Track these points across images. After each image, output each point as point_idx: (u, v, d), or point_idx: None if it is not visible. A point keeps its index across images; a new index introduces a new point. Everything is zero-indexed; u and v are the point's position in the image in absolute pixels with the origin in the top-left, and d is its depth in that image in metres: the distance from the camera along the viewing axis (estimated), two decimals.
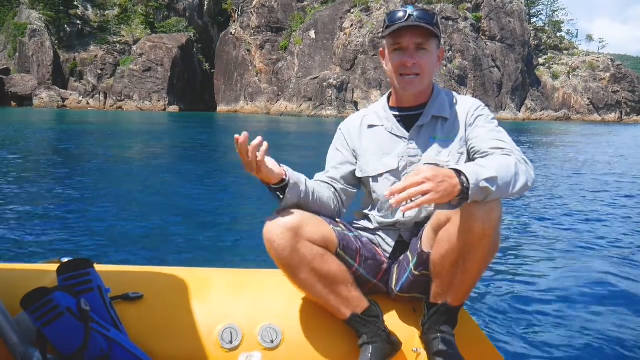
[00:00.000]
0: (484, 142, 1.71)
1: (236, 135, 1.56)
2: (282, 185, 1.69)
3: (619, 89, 76.96)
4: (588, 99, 74.87)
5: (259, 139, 1.59)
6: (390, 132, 1.86)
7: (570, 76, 77.14)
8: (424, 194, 1.37)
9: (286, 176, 1.69)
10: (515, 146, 1.67)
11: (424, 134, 1.83)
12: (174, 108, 64.92)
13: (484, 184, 1.43)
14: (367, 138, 1.89)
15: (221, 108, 72.00)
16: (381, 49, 1.89)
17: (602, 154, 17.77)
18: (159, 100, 65.46)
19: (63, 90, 65.49)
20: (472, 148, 1.76)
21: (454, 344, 1.69)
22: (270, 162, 1.65)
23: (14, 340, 1.53)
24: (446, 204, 1.46)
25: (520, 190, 1.54)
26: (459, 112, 1.82)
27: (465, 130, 1.79)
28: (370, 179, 1.86)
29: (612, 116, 74.77)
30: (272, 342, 1.73)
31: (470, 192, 1.41)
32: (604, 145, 22.85)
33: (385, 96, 1.96)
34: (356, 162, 1.91)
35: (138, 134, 22.51)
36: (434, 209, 1.75)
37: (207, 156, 14.35)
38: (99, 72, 67.39)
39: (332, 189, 1.88)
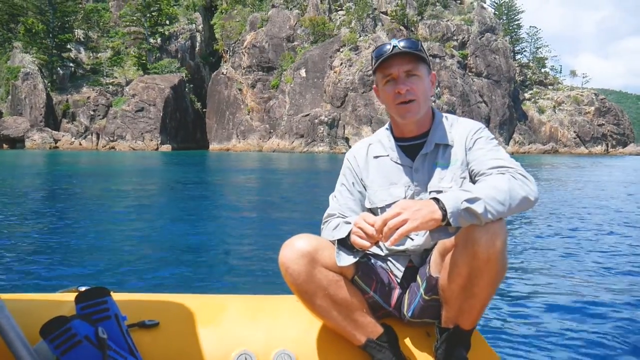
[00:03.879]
0: (483, 164, 1.72)
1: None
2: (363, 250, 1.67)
3: (604, 122, 78.41)
4: (574, 132, 76.15)
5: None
6: (396, 162, 1.88)
7: (556, 110, 78.62)
8: (402, 224, 1.42)
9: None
10: (514, 162, 1.67)
11: (427, 162, 1.84)
12: (166, 147, 65.04)
13: (465, 204, 1.45)
14: (374, 168, 1.91)
15: (213, 146, 72.27)
16: (374, 85, 1.92)
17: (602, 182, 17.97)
18: (152, 140, 65.63)
19: (55, 132, 65.56)
20: (472, 171, 1.77)
21: None
22: None
23: None
24: (442, 233, 1.49)
25: (520, 206, 1.53)
26: (459, 136, 1.83)
27: (466, 154, 1.80)
28: (379, 210, 1.87)
29: (599, 148, 75.93)
30: None
31: (449, 216, 1.43)
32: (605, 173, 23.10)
33: (388, 124, 1.98)
34: (365, 192, 1.92)
35: (134, 173, 22.51)
36: (431, 239, 1.75)
37: (211, 192, 14.40)
38: (92, 113, 67.66)
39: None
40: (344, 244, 1.68)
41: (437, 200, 1.47)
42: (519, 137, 73.36)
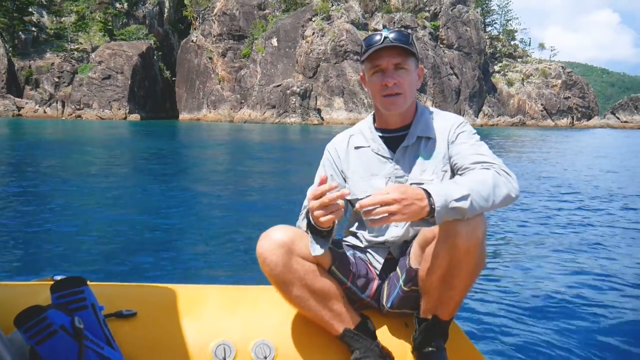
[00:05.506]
0: (465, 158, 1.73)
1: (325, 178, 1.57)
2: (329, 229, 1.67)
3: (570, 95, 79.98)
4: (541, 104, 77.51)
5: (347, 191, 1.56)
6: (377, 153, 1.87)
7: (525, 83, 79.71)
8: (391, 214, 1.41)
9: (334, 224, 1.66)
10: (497, 158, 1.69)
11: (409, 154, 1.84)
12: (134, 117, 63.65)
13: (454, 204, 1.46)
14: (354, 159, 1.91)
15: (183, 116, 71.06)
16: (361, 73, 1.90)
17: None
18: (120, 109, 64.06)
19: (18, 99, 63.32)
20: (454, 165, 1.78)
21: (445, 357, 1.73)
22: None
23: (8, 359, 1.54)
24: (423, 222, 1.49)
25: (502, 202, 1.55)
26: (441, 130, 1.83)
27: (448, 148, 1.80)
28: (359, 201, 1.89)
29: (564, 121, 77.54)
30: (265, 358, 1.73)
31: (436, 215, 1.44)
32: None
33: (371, 115, 1.97)
34: (345, 184, 1.91)
35: (103, 145, 21.97)
36: (411, 225, 1.79)
37: (184, 169, 14.13)
38: (56, 80, 65.44)
39: None
40: (315, 231, 1.68)
41: (429, 194, 1.45)
42: (488, 110, 74.28)
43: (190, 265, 4.68)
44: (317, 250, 1.68)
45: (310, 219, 1.64)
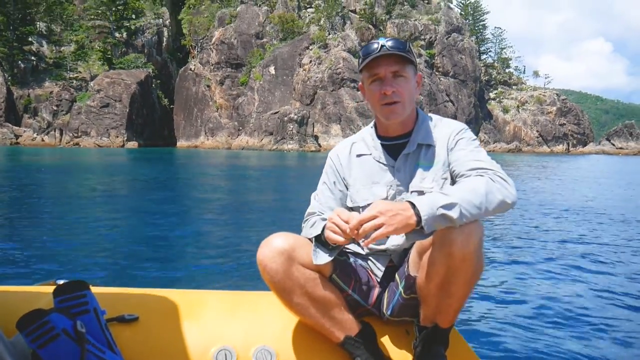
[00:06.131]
0: (463, 165, 1.72)
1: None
2: (337, 246, 1.68)
3: (565, 122, 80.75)
4: (537, 131, 78.16)
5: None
6: (378, 161, 1.87)
7: (520, 110, 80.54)
8: (377, 227, 1.42)
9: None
10: (494, 164, 1.67)
11: (410, 161, 1.84)
12: (132, 144, 63.82)
13: (441, 211, 1.45)
14: (356, 167, 1.91)
15: (181, 143, 71.31)
16: (360, 83, 1.90)
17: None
18: (117, 136, 64.27)
19: (16, 127, 63.47)
20: (453, 171, 1.77)
21: None
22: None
23: None
24: (417, 234, 1.49)
25: (497, 209, 1.54)
26: (442, 137, 1.83)
27: (448, 154, 1.80)
28: (361, 209, 1.86)
29: (560, 147, 78.08)
30: None
31: (423, 223, 1.44)
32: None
33: (372, 123, 1.97)
34: (347, 191, 1.92)
35: (102, 170, 22.03)
36: (406, 239, 1.79)
37: (183, 189, 14.19)
38: (55, 108, 65.75)
39: None
40: (321, 241, 1.69)
41: (413, 205, 1.46)
42: (484, 136, 74.86)
43: (191, 271, 4.71)
44: (321, 259, 1.68)
45: (324, 232, 1.64)
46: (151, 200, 10.61)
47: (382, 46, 1.75)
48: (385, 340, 1.83)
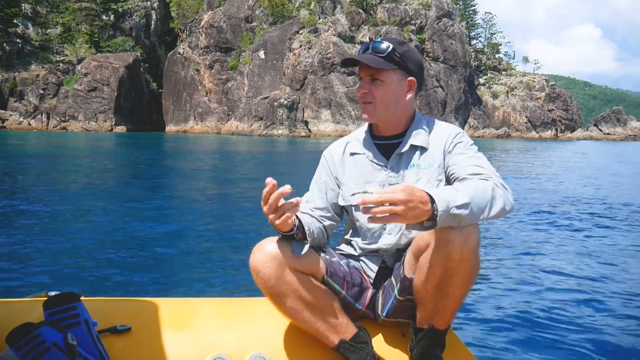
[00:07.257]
0: (463, 169, 1.73)
1: (268, 179, 1.54)
2: (292, 232, 1.68)
3: (553, 108, 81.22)
4: (526, 117, 78.55)
5: (287, 188, 1.54)
6: (372, 161, 1.88)
7: (509, 95, 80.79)
8: (393, 214, 1.38)
9: (295, 226, 1.68)
10: (494, 171, 1.69)
11: (403, 162, 1.85)
12: (121, 128, 63.25)
13: (455, 210, 1.44)
14: (350, 166, 1.91)
15: (170, 128, 70.81)
16: None
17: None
18: (105, 121, 63.63)
19: (2, 111, 62.57)
20: (451, 175, 1.78)
21: None
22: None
23: None
24: (418, 225, 1.47)
25: (497, 215, 1.55)
26: (438, 140, 1.84)
27: (444, 158, 1.81)
28: (353, 208, 1.88)
29: (549, 133, 78.62)
30: None
31: (438, 220, 1.42)
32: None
33: (368, 123, 1.98)
34: (339, 190, 1.92)
35: (90, 158, 21.73)
36: (406, 228, 1.77)
37: (173, 181, 14.04)
38: (41, 92, 64.79)
39: (319, 223, 1.88)
40: (286, 237, 1.71)
41: (432, 199, 1.43)
42: (474, 122, 75.11)
43: (183, 279, 4.63)
44: (298, 250, 1.71)
45: (293, 229, 1.67)
46: (141, 196, 10.41)
47: (366, 48, 1.81)
48: (381, 343, 1.83)
